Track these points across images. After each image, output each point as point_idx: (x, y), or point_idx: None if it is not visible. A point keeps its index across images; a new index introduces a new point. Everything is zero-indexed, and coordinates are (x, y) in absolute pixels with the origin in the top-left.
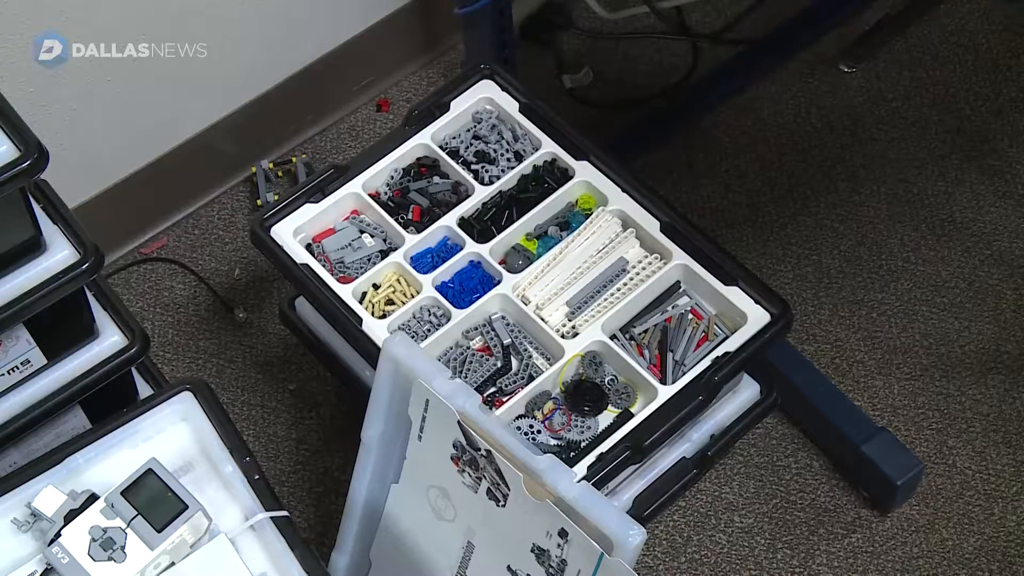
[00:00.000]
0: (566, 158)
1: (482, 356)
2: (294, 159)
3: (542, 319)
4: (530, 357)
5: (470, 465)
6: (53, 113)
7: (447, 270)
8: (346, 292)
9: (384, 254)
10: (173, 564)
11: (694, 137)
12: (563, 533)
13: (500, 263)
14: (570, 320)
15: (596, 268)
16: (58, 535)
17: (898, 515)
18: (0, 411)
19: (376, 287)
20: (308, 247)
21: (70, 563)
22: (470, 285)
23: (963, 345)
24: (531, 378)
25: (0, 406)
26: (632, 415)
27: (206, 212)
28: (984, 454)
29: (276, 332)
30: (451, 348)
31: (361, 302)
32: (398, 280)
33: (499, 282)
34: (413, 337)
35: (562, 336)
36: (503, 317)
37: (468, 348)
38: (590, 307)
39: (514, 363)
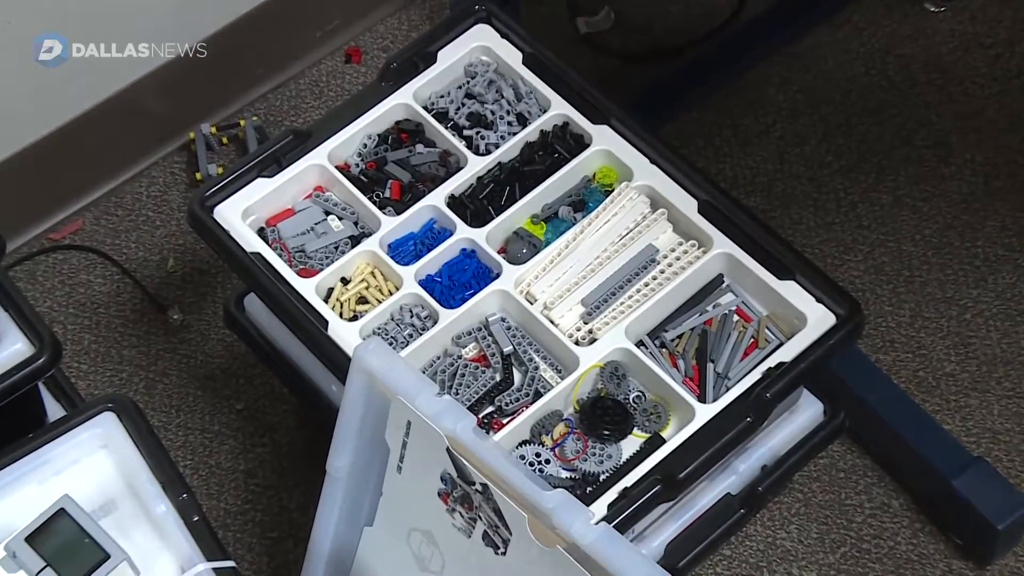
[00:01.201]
0: (581, 122)
1: (477, 368)
2: (242, 122)
3: (551, 322)
4: (536, 369)
5: (462, 503)
6: None
7: (433, 261)
8: (308, 288)
9: (355, 241)
10: None
11: (740, 95)
12: None
13: (499, 252)
14: (586, 323)
15: (618, 258)
16: None
17: (1000, 568)
18: None
19: (345, 282)
20: (260, 232)
21: None
22: (462, 279)
23: None
24: (538, 395)
25: None
26: (663, 441)
27: (131, 188)
28: None
29: (220, 338)
30: (438, 358)
31: (327, 300)
32: (372, 273)
33: (498, 275)
34: (391, 344)
35: (576, 343)
36: (503, 319)
37: (459, 358)
38: (611, 306)
39: (516, 376)
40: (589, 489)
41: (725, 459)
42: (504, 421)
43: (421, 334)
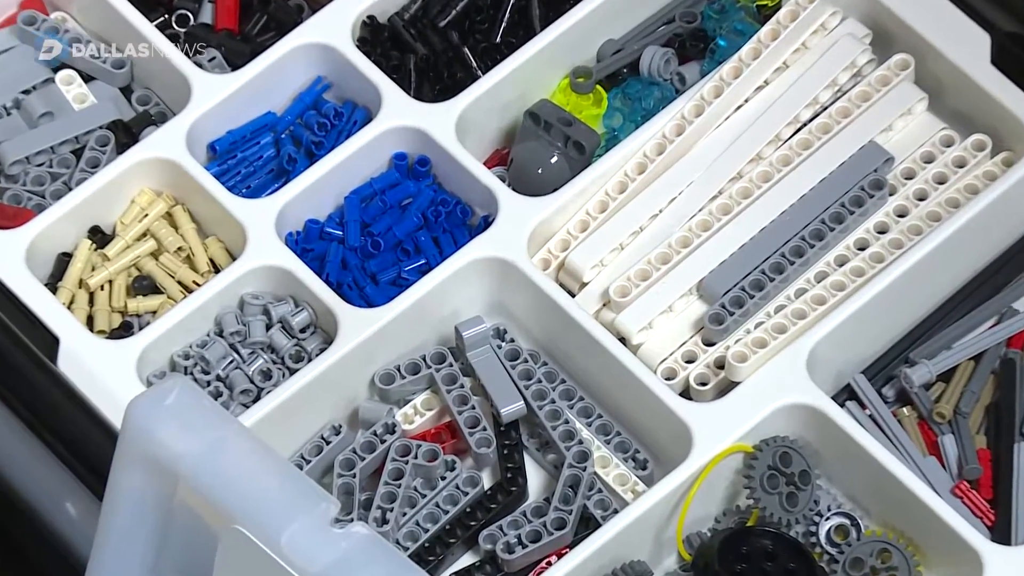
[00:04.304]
0: None
1: (433, 453)
2: None
3: (621, 340)
4: (584, 460)
5: None
6: None
7: (322, 188)
8: (8, 257)
9: (127, 136)
10: None
11: None
12: None
13: (490, 163)
14: (708, 342)
15: (787, 185)
16: None
17: None
18: None
19: (99, 240)
20: None
21: None
22: (398, 231)
23: None
24: (588, 525)
25: None
26: None
27: None
28: None
29: None
30: (337, 429)
31: (55, 287)
32: (169, 217)
33: (488, 223)
34: (216, 394)
35: (686, 390)
36: (498, 333)
37: (392, 430)
38: (768, 300)
39: (533, 476)
40: None
41: None
42: None
43: (293, 369)
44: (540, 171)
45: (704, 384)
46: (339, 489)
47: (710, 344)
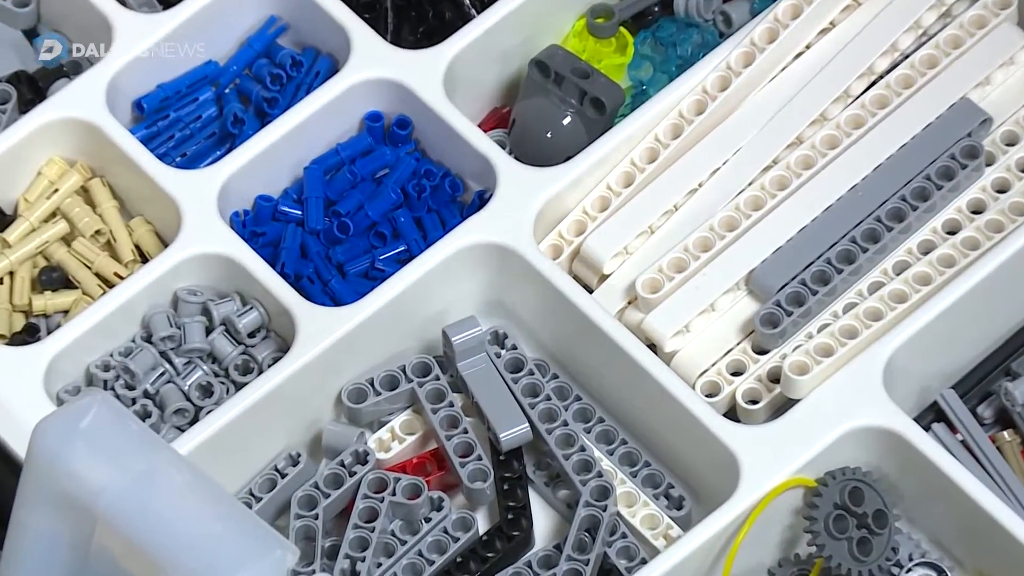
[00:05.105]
0: None
1: (415, 488)
2: None
3: (651, 346)
4: (606, 498)
5: None
6: None
7: (273, 159)
8: None
9: (26, 102)
10: None
11: None
12: None
13: (486, 126)
14: (758, 349)
15: (857, 152)
16: None
17: None
18: None
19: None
20: None
21: None
22: (372, 210)
23: None
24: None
25: None
26: None
27: None
28: None
29: None
30: (295, 459)
31: None
32: (85, 194)
33: (485, 199)
34: (144, 415)
35: (732, 410)
36: (496, 338)
37: (364, 460)
38: (835, 297)
39: (539, 520)
40: None
41: None
42: None
43: (239, 383)
44: (549, 135)
45: (754, 402)
46: (297, 533)
47: (762, 352)
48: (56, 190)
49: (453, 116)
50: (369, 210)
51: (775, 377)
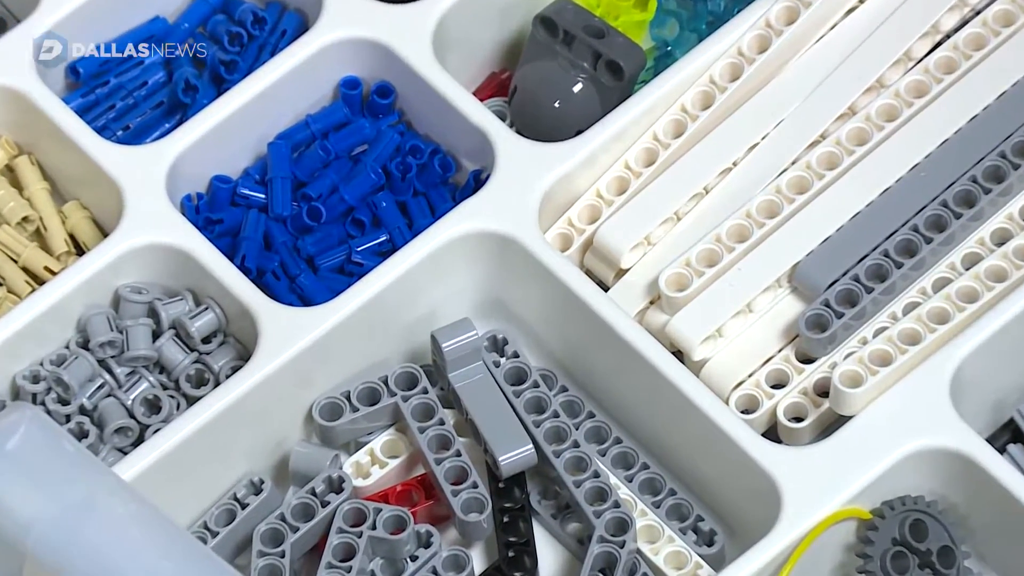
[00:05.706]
0: None
1: (399, 520)
2: None
3: (676, 353)
4: (625, 531)
5: None
6: None
7: (237, 125)
8: None
9: None
10: None
11: None
12: None
13: (483, 95)
14: (803, 358)
15: (915, 127)
16: None
17: None
18: None
19: None
20: None
21: None
22: (350, 195)
23: None
24: None
25: None
26: None
27: None
28: None
29: None
30: (248, 486)
31: None
32: (11, 174)
33: (483, 179)
34: (81, 427)
35: (772, 430)
36: (496, 343)
37: (338, 475)
38: (889, 294)
39: (544, 553)
40: None
41: None
42: None
43: (192, 397)
44: (557, 104)
45: (799, 419)
46: (260, 573)
47: (808, 361)
48: None
49: (443, 82)
50: (345, 193)
51: (823, 390)
